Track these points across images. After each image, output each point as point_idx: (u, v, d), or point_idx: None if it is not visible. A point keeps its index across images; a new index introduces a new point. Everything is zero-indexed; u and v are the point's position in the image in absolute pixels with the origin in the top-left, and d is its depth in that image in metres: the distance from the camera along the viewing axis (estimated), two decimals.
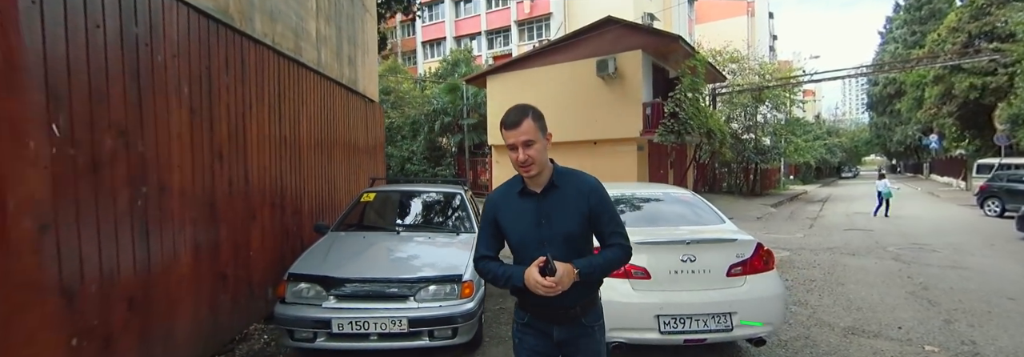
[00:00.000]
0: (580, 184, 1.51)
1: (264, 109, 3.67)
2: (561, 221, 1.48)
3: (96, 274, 2.06)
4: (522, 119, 1.42)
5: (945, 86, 19.70)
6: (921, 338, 3.56)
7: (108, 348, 2.13)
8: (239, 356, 3.21)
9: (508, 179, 1.61)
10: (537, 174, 1.46)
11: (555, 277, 1.34)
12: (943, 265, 6.13)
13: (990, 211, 12.01)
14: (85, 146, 2.00)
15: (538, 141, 1.43)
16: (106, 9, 2.11)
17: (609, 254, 1.49)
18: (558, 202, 1.49)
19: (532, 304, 1.51)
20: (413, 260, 3.34)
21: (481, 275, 1.58)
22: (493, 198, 1.61)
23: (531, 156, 1.42)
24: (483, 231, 1.61)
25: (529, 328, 1.57)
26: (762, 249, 2.84)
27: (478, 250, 1.59)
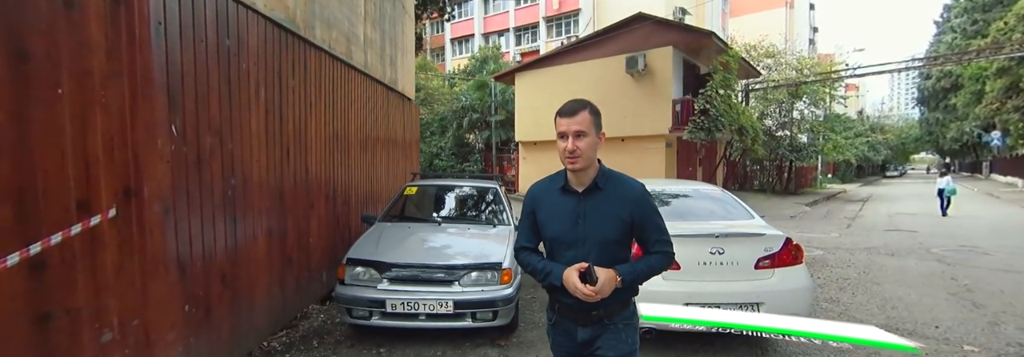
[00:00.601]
0: (626, 190, 1.48)
1: (322, 108, 4.03)
2: (598, 225, 1.45)
3: (200, 252, 2.43)
4: (580, 109, 1.41)
5: (1011, 78, 18.34)
6: (961, 338, 3.55)
7: (209, 315, 2.50)
8: (302, 332, 3.59)
9: (552, 173, 1.59)
10: (582, 170, 1.43)
11: (596, 286, 1.33)
12: (994, 268, 5.92)
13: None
14: (193, 144, 2.36)
15: (590, 135, 1.41)
16: (207, 25, 2.46)
17: (652, 261, 1.46)
18: (599, 205, 1.45)
19: (560, 303, 1.51)
20: (456, 249, 3.63)
21: (521, 266, 1.59)
22: (534, 191, 1.60)
23: (579, 147, 1.39)
24: (523, 222, 1.61)
25: (557, 328, 1.56)
26: (791, 244, 2.97)
27: (519, 240, 1.60)
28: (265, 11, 2.98)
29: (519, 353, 3.21)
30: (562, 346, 1.56)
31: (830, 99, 18.65)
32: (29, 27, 1.80)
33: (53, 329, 1.96)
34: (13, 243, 1.82)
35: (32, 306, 1.91)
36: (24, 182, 1.84)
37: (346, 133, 4.72)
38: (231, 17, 2.66)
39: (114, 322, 2.08)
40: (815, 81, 17.00)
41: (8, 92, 1.78)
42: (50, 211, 1.89)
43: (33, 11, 1.81)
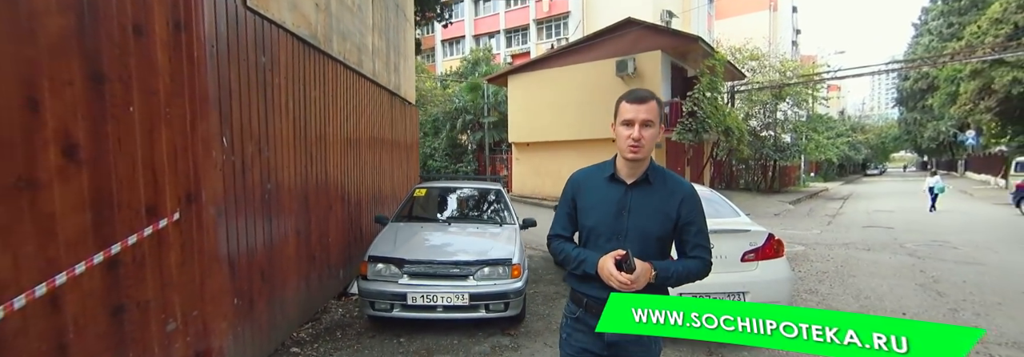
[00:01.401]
0: (676, 186, 1.45)
1: (338, 115, 4.28)
2: (643, 218, 1.40)
3: (244, 251, 2.68)
4: (649, 98, 1.37)
5: (984, 80, 19.14)
6: None
7: (252, 308, 2.76)
8: (325, 324, 3.84)
9: (597, 163, 1.55)
10: (640, 160, 1.39)
11: (632, 275, 1.27)
12: (960, 261, 6.36)
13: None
14: (238, 153, 2.61)
15: (656, 126, 1.38)
16: (248, 45, 2.71)
17: (690, 264, 1.42)
18: (647, 198, 1.42)
19: (588, 298, 1.45)
20: (468, 246, 3.91)
21: (553, 254, 1.54)
22: (577, 178, 1.54)
23: (644, 137, 1.35)
24: (560, 209, 1.56)
25: (580, 323, 1.49)
26: (773, 239, 3.32)
27: (553, 228, 1.55)
28: (293, 29, 3.23)
29: (528, 341, 3.51)
30: (580, 342, 1.48)
31: (813, 100, 19.30)
32: (105, 53, 2.05)
33: (126, 320, 2.21)
34: (93, 244, 2.07)
35: (108, 299, 2.16)
36: (103, 190, 2.09)
37: (357, 138, 4.97)
38: (266, 36, 2.91)
39: (177, 313, 2.33)
40: (797, 83, 17.60)
41: (88, 111, 2.03)
42: (124, 215, 2.14)
43: (108, 38, 2.06)
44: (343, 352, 3.31)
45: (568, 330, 1.53)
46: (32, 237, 1.96)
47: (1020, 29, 17.52)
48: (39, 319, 1.99)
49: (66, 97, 1.96)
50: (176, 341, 2.35)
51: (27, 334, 1.98)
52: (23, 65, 1.87)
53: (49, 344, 2.05)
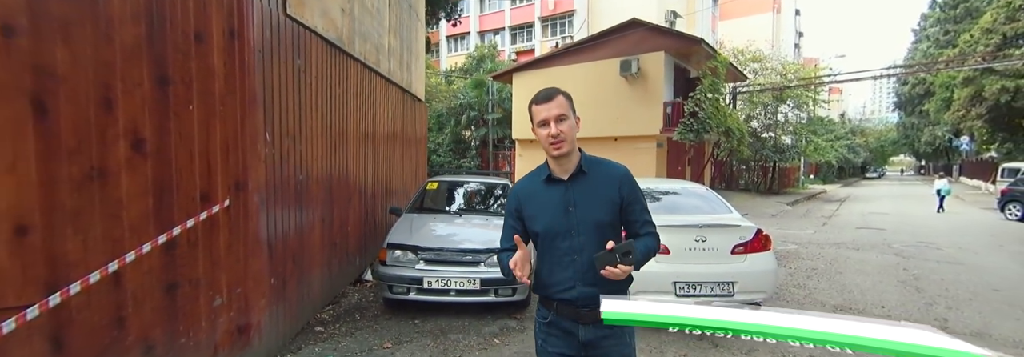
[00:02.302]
0: (610, 170, 1.47)
1: (357, 112, 4.54)
2: (590, 208, 1.41)
3: (280, 236, 2.95)
4: (554, 94, 1.40)
5: (975, 88, 19.50)
6: (899, 315, 4.23)
7: (285, 288, 3.03)
8: (344, 307, 4.12)
9: (532, 170, 1.55)
10: (567, 155, 1.41)
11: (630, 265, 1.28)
12: (941, 261, 6.67)
13: (1011, 215, 11.94)
14: (278, 147, 2.87)
15: (570, 118, 1.40)
16: (286, 49, 2.96)
17: (647, 241, 1.44)
18: (587, 189, 1.43)
19: (558, 300, 1.44)
20: (479, 235, 4.17)
21: (501, 270, 1.52)
22: (517, 190, 1.54)
23: (563, 131, 1.37)
24: (506, 224, 1.56)
25: (553, 328, 1.47)
26: (761, 234, 3.59)
27: (502, 243, 1.55)
28: (322, 33, 3.48)
29: (533, 324, 3.79)
30: (557, 346, 1.46)
31: (813, 103, 19.53)
32: (170, 58, 2.31)
33: (178, 295, 2.49)
34: (154, 227, 2.34)
35: (164, 277, 2.44)
36: (164, 179, 2.36)
37: (373, 133, 5.23)
38: (301, 40, 3.17)
39: (223, 290, 2.61)
40: (798, 86, 17.81)
41: (154, 109, 2.30)
42: (182, 201, 2.41)
43: (173, 45, 2.32)
44: (363, 331, 3.59)
45: (542, 336, 1.51)
46: (100, 220, 2.23)
47: (1009, 40, 17.81)
48: (102, 295, 2.27)
49: (136, 97, 2.23)
50: (221, 316, 2.63)
51: (90, 308, 2.26)
52: (101, 68, 2.14)
53: (109, 317, 2.34)
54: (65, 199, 2.11)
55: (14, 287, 2.05)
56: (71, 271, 2.15)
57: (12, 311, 2.02)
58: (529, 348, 3.23)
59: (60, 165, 2.08)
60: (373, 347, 3.30)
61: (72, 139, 2.09)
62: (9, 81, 1.94)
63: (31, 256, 2.07)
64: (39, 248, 2.08)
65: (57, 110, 2.05)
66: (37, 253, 2.08)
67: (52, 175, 2.07)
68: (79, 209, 2.15)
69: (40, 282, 2.10)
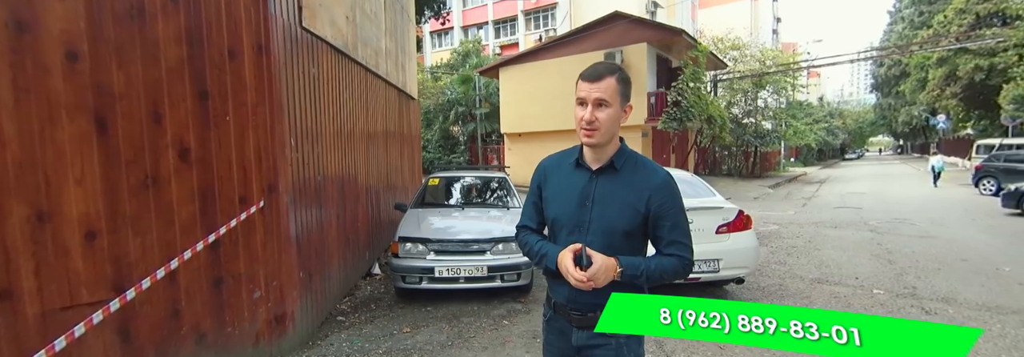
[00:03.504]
0: (648, 175, 1.28)
1: (362, 114, 4.77)
2: (607, 209, 1.26)
3: (305, 232, 3.22)
4: (606, 74, 1.20)
5: (949, 68, 20.20)
6: (872, 285, 4.67)
7: (311, 281, 3.31)
8: (359, 298, 4.41)
9: (568, 148, 1.41)
10: (598, 145, 1.25)
11: (589, 271, 1.15)
12: (914, 235, 7.16)
13: (985, 190, 12.51)
14: (300, 150, 3.12)
15: (613, 106, 1.21)
16: (304, 60, 3.20)
17: (665, 262, 1.25)
18: (612, 187, 1.27)
19: (555, 297, 1.36)
20: (483, 226, 4.47)
21: (520, 246, 1.44)
22: (544, 164, 1.42)
23: (599, 119, 1.20)
24: (528, 199, 1.45)
25: (551, 325, 1.40)
26: (742, 214, 3.96)
27: (521, 219, 1.46)
28: (332, 41, 3.70)
29: (537, 306, 4.12)
30: (554, 345, 1.40)
31: (792, 88, 20.12)
32: (209, 74, 2.55)
33: (223, 289, 2.76)
34: (201, 228, 2.60)
35: (211, 273, 2.71)
36: (207, 184, 2.62)
37: (375, 133, 5.46)
38: (315, 50, 3.40)
39: (262, 284, 2.88)
40: (776, 72, 18.33)
41: (197, 121, 2.54)
42: (223, 205, 2.67)
43: (210, 62, 2.55)
44: (381, 319, 3.89)
45: (545, 331, 1.45)
46: (156, 224, 2.49)
47: (981, 19, 18.46)
48: (160, 290, 2.53)
49: (181, 111, 2.47)
50: (260, 306, 2.91)
51: (151, 302, 2.53)
52: (151, 86, 2.38)
53: (167, 310, 2.61)
54: (125, 206, 2.36)
55: (88, 286, 2.32)
56: (133, 270, 2.42)
57: (88, 307, 2.28)
58: (535, 327, 3.57)
59: (120, 175, 2.33)
60: (393, 332, 3.60)
61: (129, 151, 2.34)
62: (74, 101, 2.18)
63: (99, 258, 2.33)
64: (106, 251, 2.34)
65: (115, 125, 2.29)
66: (104, 255, 2.34)
67: (113, 184, 2.32)
68: (137, 214, 2.40)
69: (108, 281, 2.37)
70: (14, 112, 2.08)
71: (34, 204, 2.15)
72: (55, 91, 2.16)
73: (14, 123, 2.08)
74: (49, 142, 2.16)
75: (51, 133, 2.16)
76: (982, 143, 17.56)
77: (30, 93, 2.11)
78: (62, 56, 2.15)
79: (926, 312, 3.83)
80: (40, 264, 2.19)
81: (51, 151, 2.17)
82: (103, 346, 2.40)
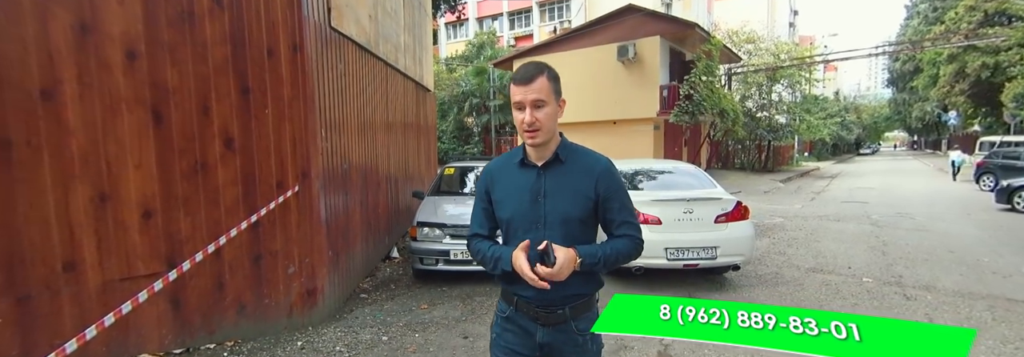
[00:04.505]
0: (590, 163, 1.33)
1: (382, 106, 5.03)
2: (561, 201, 1.29)
3: (333, 215, 3.50)
4: (536, 75, 1.23)
5: (959, 64, 19.88)
6: (862, 274, 4.85)
7: (338, 261, 3.61)
8: (379, 279, 4.72)
9: (509, 151, 1.43)
10: (542, 143, 1.29)
11: (556, 267, 1.15)
12: (911, 229, 7.28)
13: (984, 186, 12.55)
14: (329, 141, 3.39)
15: (550, 104, 1.24)
16: (332, 56, 3.44)
17: (618, 244, 1.29)
18: (561, 179, 1.31)
19: (518, 296, 1.34)
20: None
21: (472, 255, 1.41)
22: (490, 169, 1.42)
23: (539, 119, 1.23)
24: (476, 206, 1.43)
25: (510, 323, 1.37)
26: (740, 205, 4.15)
27: (471, 227, 1.43)
28: (356, 38, 3.94)
29: None
30: (511, 343, 1.38)
31: (807, 82, 19.91)
32: (250, 71, 2.81)
33: (262, 264, 3.06)
34: (243, 210, 2.89)
35: (251, 250, 3.01)
36: (249, 170, 2.90)
37: (394, 124, 5.73)
38: (341, 47, 3.64)
39: (296, 260, 3.18)
40: (791, 66, 18.16)
41: (240, 114, 2.81)
42: (263, 189, 2.95)
43: (252, 60, 2.81)
44: (401, 297, 4.19)
45: (498, 330, 1.42)
46: (204, 205, 2.78)
47: (990, 17, 18.07)
48: (207, 265, 2.84)
49: (226, 104, 2.74)
50: (294, 281, 3.21)
51: (199, 275, 2.83)
52: (201, 81, 2.65)
53: (213, 282, 2.92)
54: (177, 189, 2.66)
55: (144, 260, 2.62)
56: (183, 246, 2.72)
57: (143, 278, 2.59)
58: None
59: (173, 161, 2.62)
60: (412, 308, 3.90)
61: (181, 140, 2.62)
62: (134, 95, 2.45)
63: (154, 235, 2.64)
64: (160, 228, 2.64)
65: (169, 117, 2.57)
66: (159, 232, 2.64)
67: (167, 169, 2.61)
68: (188, 196, 2.70)
69: (161, 255, 2.68)
70: (79, 105, 2.36)
71: (97, 186, 2.45)
72: (116, 86, 2.43)
73: (80, 115, 2.37)
74: (111, 132, 2.45)
75: (113, 124, 2.44)
76: (985, 140, 17.35)
77: (94, 88, 2.39)
78: (122, 55, 2.42)
79: (907, 298, 4.02)
80: (101, 239, 2.49)
81: (112, 140, 2.45)
82: (157, 313, 2.72)
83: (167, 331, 2.72)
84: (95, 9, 2.31)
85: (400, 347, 3.13)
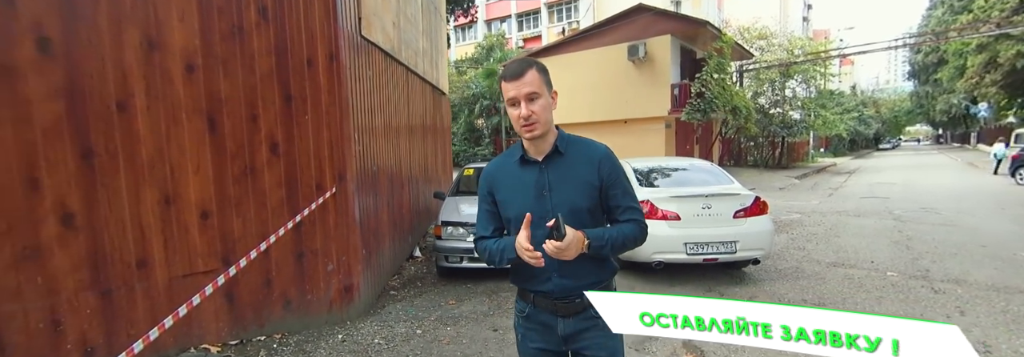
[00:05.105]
0: (589, 151, 1.34)
1: (404, 109, 5.23)
2: (567, 192, 1.30)
3: (366, 216, 3.69)
4: (525, 69, 1.25)
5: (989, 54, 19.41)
6: (886, 268, 4.87)
7: (370, 258, 3.80)
8: (405, 277, 4.91)
9: (507, 150, 1.43)
10: (540, 137, 1.29)
11: (564, 242, 1.15)
12: (936, 223, 7.18)
13: (1021, 180, 11.93)
14: (360, 144, 3.58)
15: (543, 96, 1.26)
16: (361, 64, 3.64)
17: (624, 229, 1.30)
18: (563, 171, 1.31)
19: (535, 292, 1.35)
20: None
21: (480, 257, 1.42)
22: (489, 170, 1.42)
23: (535, 112, 1.24)
24: (480, 209, 1.44)
25: (530, 321, 1.38)
26: (759, 200, 4.24)
27: (477, 230, 1.44)
28: (382, 46, 4.14)
29: None
30: (535, 341, 1.39)
31: (822, 77, 19.67)
32: (292, 79, 3.01)
33: (304, 262, 3.26)
34: (288, 210, 3.09)
35: (294, 248, 3.20)
36: (292, 173, 3.10)
37: (414, 127, 5.93)
38: (370, 55, 3.84)
39: (334, 258, 3.37)
40: (804, 61, 17.99)
41: (283, 120, 3.02)
42: (304, 191, 3.15)
43: (293, 70, 3.02)
44: (429, 294, 4.37)
45: (521, 330, 1.43)
46: (253, 206, 2.99)
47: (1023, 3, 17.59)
48: (257, 262, 3.04)
49: (271, 112, 2.95)
50: (333, 278, 3.40)
51: (251, 271, 3.04)
52: (249, 91, 2.86)
53: (262, 279, 3.12)
54: (230, 191, 2.87)
55: (203, 257, 2.84)
56: (236, 244, 2.93)
57: (202, 275, 2.80)
58: None
59: (226, 165, 2.83)
60: (441, 304, 4.07)
61: (233, 145, 2.83)
62: (193, 105, 2.67)
63: (211, 234, 2.85)
64: (216, 228, 2.85)
65: (222, 124, 2.78)
66: (215, 232, 2.85)
67: (221, 173, 2.82)
68: (239, 198, 2.91)
69: (218, 253, 2.89)
70: (147, 115, 2.58)
71: (162, 190, 2.67)
72: (177, 97, 2.65)
73: (148, 124, 2.59)
74: (173, 139, 2.66)
75: (175, 132, 2.66)
76: (1020, 131, 16.83)
77: (159, 100, 2.61)
78: (183, 68, 2.64)
79: (935, 292, 4.05)
80: (167, 239, 2.71)
81: (175, 147, 2.67)
82: (214, 307, 2.93)
83: (223, 324, 2.93)
84: (160, 26, 2.53)
85: (434, 340, 3.30)
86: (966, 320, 3.42)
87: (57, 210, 2.27)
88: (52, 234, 2.26)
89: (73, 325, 2.33)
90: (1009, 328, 3.24)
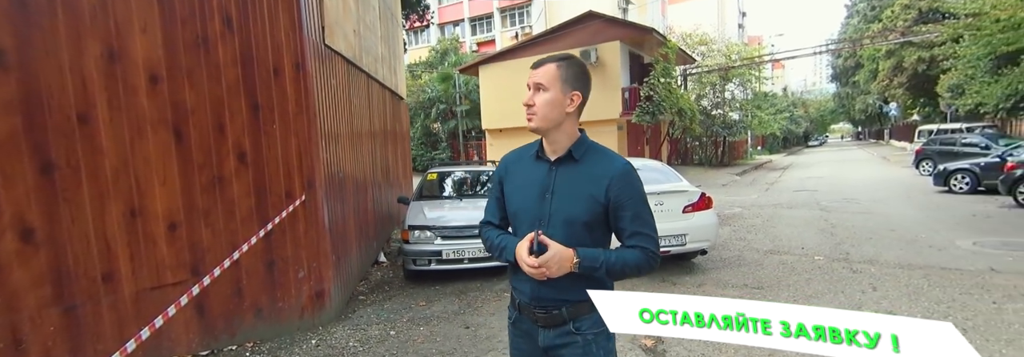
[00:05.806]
0: (605, 166, 1.26)
1: (367, 116, 5.27)
2: (567, 201, 1.24)
3: (334, 222, 3.74)
4: (547, 62, 1.25)
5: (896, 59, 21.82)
6: (814, 253, 5.49)
7: (340, 263, 3.84)
8: (373, 282, 4.95)
9: (531, 141, 1.39)
10: (536, 129, 1.26)
11: (541, 258, 1.13)
12: (856, 212, 8.11)
13: (924, 171, 13.68)
14: (328, 151, 3.63)
15: (551, 90, 1.22)
16: (326, 73, 3.70)
17: (626, 254, 1.21)
18: (572, 178, 1.26)
19: (519, 296, 1.33)
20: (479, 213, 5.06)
21: (482, 241, 1.42)
22: (506, 158, 1.42)
23: (536, 102, 1.23)
24: (491, 194, 1.44)
25: (516, 328, 1.37)
26: (705, 196, 4.67)
27: (485, 215, 1.44)
28: (344, 54, 4.20)
29: None
30: (521, 349, 1.37)
31: (757, 81, 21.28)
32: (259, 89, 3.04)
33: (275, 270, 3.29)
34: (257, 219, 3.11)
35: (264, 256, 3.23)
36: (261, 182, 3.12)
37: (376, 133, 5.96)
38: (334, 63, 3.89)
39: (305, 265, 3.40)
40: (741, 66, 19.40)
41: (251, 128, 3.04)
42: (273, 199, 3.18)
43: (260, 79, 3.05)
44: (398, 297, 4.45)
45: (511, 336, 1.41)
46: (222, 216, 2.99)
47: (924, 14, 19.94)
48: (227, 272, 3.04)
49: (238, 121, 2.97)
50: (304, 284, 3.43)
51: (221, 282, 3.04)
52: (216, 101, 2.87)
53: (232, 288, 3.13)
54: (198, 202, 2.86)
55: (171, 269, 2.82)
56: (206, 255, 2.92)
57: (171, 287, 2.79)
58: None
59: (193, 176, 2.82)
60: (411, 306, 4.17)
61: (200, 156, 2.83)
62: (158, 116, 2.65)
63: (180, 246, 2.83)
64: (185, 239, 2.84)
65: (189, 135, 2.77)
66: (183, 243, 2.84)
67: (189, 184, 2.81)
68: (207, 209, 2.90)
69: (186, 264, 2.87)
70: (111, 127, 2.54)
71: (128, 202, 2.63)
72: (141, 108, 2.63)
73: (111, 136, 2.55)
74: (138, 151, 2.63)
75: (140, 144, 2.63)
76: (922, 128, 19.00)
77: (122, 111, 2.57)
78: (146, 79, 2.62)
79: (853, 271, 4.64)
80: (134, 252, 2.67)
81: (140, 159, 2.64)
82: (185, 319, 2.90)
83: (194, 335, 2.90)
84: (121, 37, 2.50)
85: (409, 339, 3.41)
86: (877, 294, 3.97)
87: (16, 225, 2.21)
88: (11, 250, 2.20)
89: (36, 342, 2.26)
90: (911, 298, 3.81)
